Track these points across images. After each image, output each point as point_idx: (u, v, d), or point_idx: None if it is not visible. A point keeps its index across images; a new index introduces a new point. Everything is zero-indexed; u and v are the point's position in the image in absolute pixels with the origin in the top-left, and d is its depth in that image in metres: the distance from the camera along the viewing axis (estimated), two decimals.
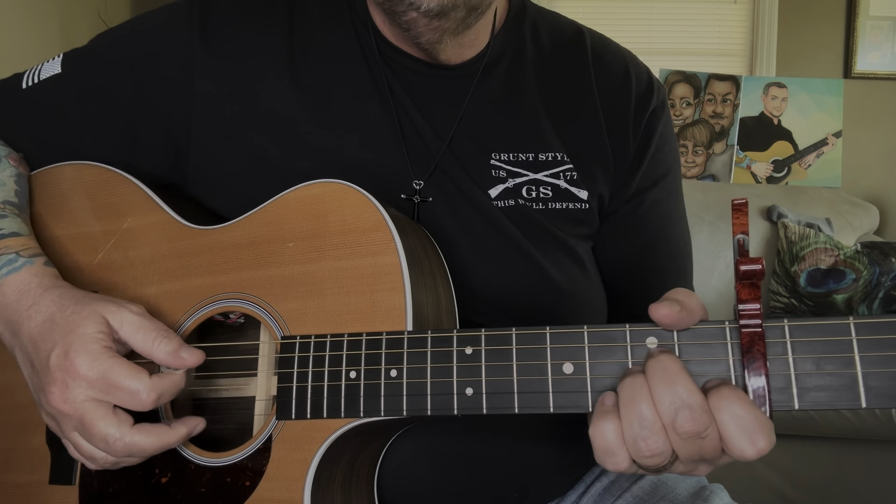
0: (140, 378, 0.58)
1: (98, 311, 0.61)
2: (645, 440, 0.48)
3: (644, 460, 0.49)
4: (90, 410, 0.58)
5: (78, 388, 0.58)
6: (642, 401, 0.48)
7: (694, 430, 0.47)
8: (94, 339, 0.59)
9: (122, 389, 0.58)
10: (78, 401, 0.58)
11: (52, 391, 0.59)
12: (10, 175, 0.73)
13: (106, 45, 0.78)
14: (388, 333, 0.58)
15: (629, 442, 0.49)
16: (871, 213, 2.48)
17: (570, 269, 0.75)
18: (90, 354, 0.58)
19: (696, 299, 0.51)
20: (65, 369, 0.58)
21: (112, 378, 0.58)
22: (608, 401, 0.51)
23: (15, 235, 0.67)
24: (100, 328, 0.60)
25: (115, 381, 0.58)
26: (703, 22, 3.26)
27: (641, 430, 0.48)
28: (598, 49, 0.81)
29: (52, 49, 2.29)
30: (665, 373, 0.48)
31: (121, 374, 0.58)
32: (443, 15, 0.67)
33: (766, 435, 0.47)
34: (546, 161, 0.75)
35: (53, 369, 0.59)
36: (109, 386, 0.58)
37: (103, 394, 0.58)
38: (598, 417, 0.50)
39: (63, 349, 0.59)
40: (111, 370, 0.58)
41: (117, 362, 0.59)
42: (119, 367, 0.58)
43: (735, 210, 0.50)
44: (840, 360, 0.47)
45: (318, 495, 0.59)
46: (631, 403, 0.48)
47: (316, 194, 0.64)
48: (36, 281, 0.64)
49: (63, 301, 0.62)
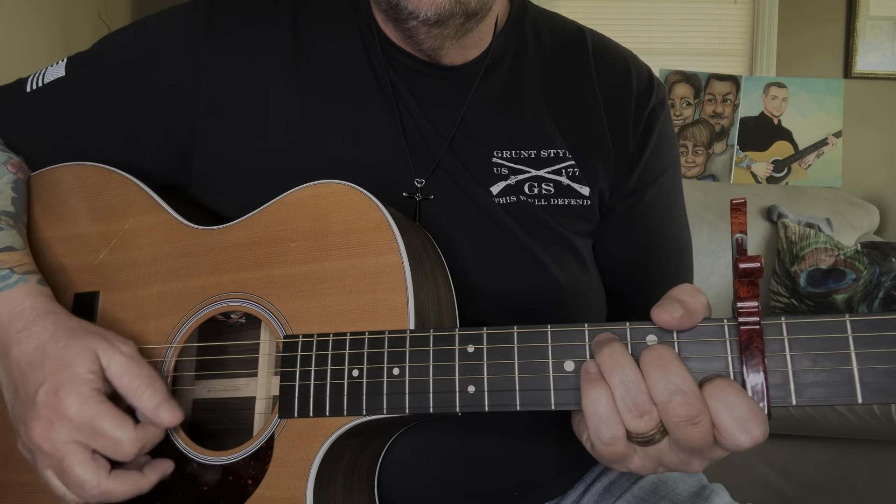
0: (125, 429, 0.58)
1: (90, 347, 0.60)
2: (635, 400, 0.49)
3: (633, 423, 0.49)
4: (70, 454, 0.58)
5: (63, 428, 0.58)
6: (627, 365, 0.50)
7: (687, 415, 0.48)
8: (85, 381, 0.59)
9: (106, 438, 0.58)
10: (60, 441, 0.58)
11: (35, 427, 0.59)
12: (7, 182, 0.72)
13: (110, 47, 0.79)
14: (390, 332, 0.58)
15: (621, 405, 0.50)
16: (871, 213, 2.48)
17: (571, 266, 0.75)
18: (80, 396, 0.58)
19: (700, 298, 0.51)
20: (52, 407, 0.58)
21: (98, 425, 0.58)
22: (592, 369, 0.51)
23: (9, 250, 0.67)
24: (91, 367, 0.59)
25: (100, 429, 0.58)
26: (703, 22, 3.26)
27: (630, 392, 0.49)
28: (598, 48, 0.82)
29: (52, 49, 2.29)
30: (659, 360, 0.49)
31: (108, 422, 0.58)
32: (441, 23, 0.68)
33: (760, 424, 0.47)
34: (548, 158, 0.75)
35: (40, 406, 0.59)
36: (94, 432, 0.58)
37: (87, 438, 0.58)
38: (588, 387, 0.51)
39: (53, 386, 0.58)
40: (99, 416, 0.58)
41: (106, 409, 0.58)
42: (106, 415, 0.58)
43: (734, 210, 0.50)
44: (836, 357, 0.48)
45: (319, 493, 0.59)
46: (615, 369, 0.50)
47: (318, 195, 0.64)
48: (30, 302, 0.63)
49: (56, 331, 0.61)
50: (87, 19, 2.49)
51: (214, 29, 0.75)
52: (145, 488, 0.61)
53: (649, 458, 0.52)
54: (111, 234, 0.72)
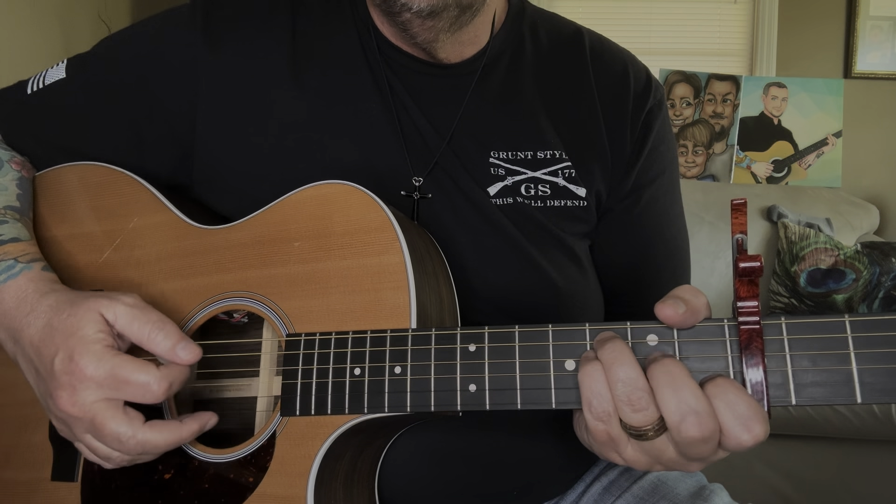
0: (148, 370, 0.58)
1: (93, 308, 0.60)
2: (629, 396, 0.49)
3: (629, 416, 0.49)
4: (101, 411, 0.58)
5: (86, 389, 0.58)
6: (625, 363, 0.50)
7: (700, 436, 0.47)
8: (95, 340, 0.59)
9: (131, 384, 0.58)
10: (87, 402, 0.58)
11: (61, 395, 0.59)
12: (11, 179, 0.73)
13: (110, 49, 0.79)
14: (392, 331, 0.58)
15: (612, 385, 0.50)
16: (871, 213, 2.48)
17: (567, 268, 0.75)
18: (94, 355, 0.58)
19: (702, 298, 0.51)
20: (71, 372, 0.58)
21: (120, 374, 0.58)
22: (591, 354, 0.52)
23: (14, 241, 0.67)
24: (99, 327, 0.60)
25: (123, 377, 0.58)
26: (703, 22, 3.26)
27: (624, 388, 0.49)
28: (596, 48, 0.82)
29: (52, 49, 2.29)
30: (670, 377, 0.48)
31: (128, 368, 0.58)
32: (435, 15, 0.68)
33: (762, 422, 0.47)
34: (544, 159, 0.75)
35: (59, 374, 0.59)
36: (119, 382, 0.58)
37: (113, 391, 0.58)
38: (585, 363, 0.51)
39: (66, 353, 0.59)
40: (118, 367, 0.58)
41: (123, 359, 0.59)
42: (126, 363, 0.58)
43: (734, 210, 0.50)
44: (836, 357, 0.48)
45: (320, 491, 0.59)
46: (614, 365, 0.50)
47: (321, 195, 0.64)
48: (33, 287, 0.64)
49: (59, 305, 0.62)
50: (87, 19, 2.49)
51: (213, 30, 0.75)
52: (185, 437, 0.61)
53: (644, 452, 0.52)
54: (115, 233, 0.72)
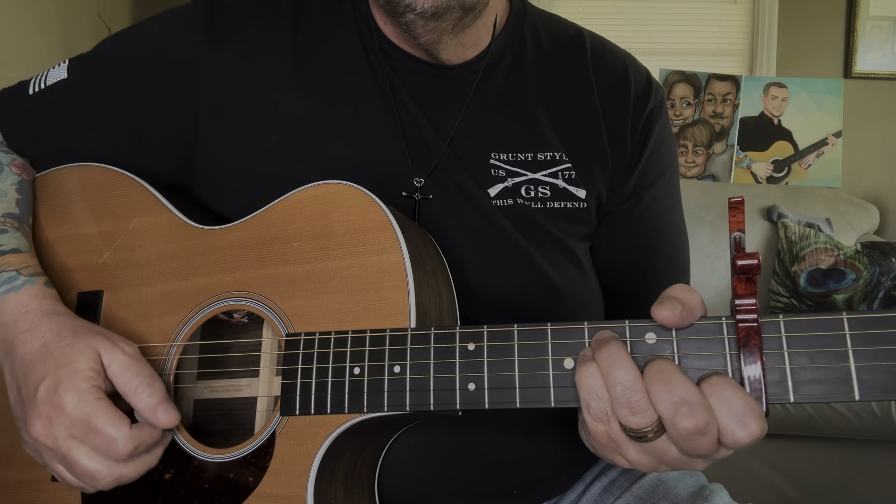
0: (120, 427, 0.58)
1: (93, 345, 0.61)
2: (627, 398, 0.49)
3: (627, 419, 0.49)
4: (74, 448, 0.58)
5: (61, 424, 0.58)
6: (622, 366, 0.49)
7: (694, 427, 0.47)
8: (84, 377, 0.59)
9: (100, 435, 0.58)
10: (60, 437, 0.58)
11: (35, 423, 0.59)
12: (11, 184, 0.73)
13: (111, 49, 0.79)
14: (391, 330, 0.58)
15: (611, 387, 0.50)
16: (871, 213, 2.48)
17: (567, 270, 0.75)
18: (78, 393, 0.58)
19: (695, 296, 0.51)
20: (52, 403, 0.58)
21: (93, 422, 0.58)
22: (588, 353, 0.52)
23: (15, 252, 0.67)
24: (92, 365, 0.60)
25: (95, 426, 0.58)
26: (703, 22, 3.26)
27: (624, 391, 0.49)
28: (597, 50, 0.82)
29: (52, 49, 2.29)
30: (663, 374, 0.49)
31: (102, 419, 0.58)
32: (438, 16, 0.68)
33: (757, 419, 0.47)
34: (545, 160, 0.75)
35: (40, 402, 0.59)
36: (89, 429, 0.58)
37: (82, 435, 0.58)
38: (582, 364, 0.51)
39: (53, 382, 0.59)
40: (94, 413, 0.58)
41: (102, 406, 0.58)
42: (102, 412, 0.58)
43: (732, 208, 0.50)
44: (834, 355, 0.48)
45: (320, 491, 0.59)
46: (612, 368, 0.50)
47: (321, 195, 0.64)
48: (36, 303, 0.64)
49: (60, 330, 0.62)
50: (87, 19, 2.49)
51: (215, 30, 0.75)
52: (154, 463, 0.62)
53: (646, 453, 0.52)
54: (115, 234, 0.73)
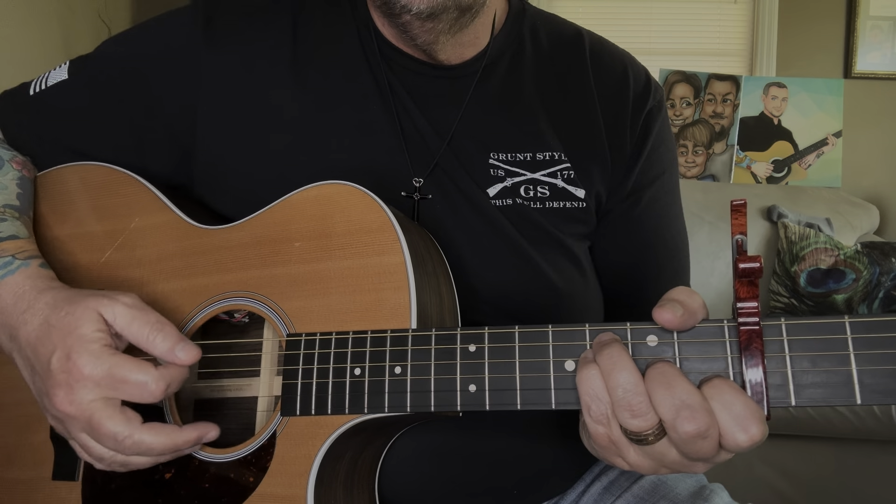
0: (146, 370, 0.58)
1: (91, 307, 0.60)
2: (629, 398, 0.49)
3: (628, 422, 0.49)
4: (97, 410, 0.58)
5: (83, 388, 0.58)
6: (626, 366, 0.49)
7: (695, 430, 0.47)
8: (93, 339, 0.59)
9: (129, 383, 0.58)
10: (85, 402, 0.58)
11: (57, 394, 0.59)
12: (12, 178, 0.73)
13: (112, 50, 0.79)
14: (392, 331, 0.58)
15: (612, 391, 0.50)
16: (871, 213, 2.48)
17: (566, 270, 0.75)
18: (92, 354, 0.58)
19: (697, 299, 0.51)
20: (68, 371, 0.58)
21: (118, 373, 0.58)
22: (589, 355, 0.52)
23: (13, 238, 0.67)
24: (97, 326, 0.59)
25: (121, 376, 0.58)
26: (703, 22, 3.26)
27: (625, 394, 0.49)
28: (596, 50, 0.82)
29: (52, 50, 2.29)
30: (664, 377, 0.49)
31: (126, 368, 0.58)
32: (434, 16, 0.68)
33: (758, 422, 0.47)
34: (544, 160, 0.75)
35: (56, 372, 0.59)
36: (116, 381, 0.58)
37: (111, 390, 0.58)
38: (583, 366, 0.51)
39: (64, 351, 0.59)
40: (116, 366, 0.58)
41: (121, 358, 0.58)
42: (123, 362, 0.58)
43: (734, 211, 0.50)
44: (835, 358, 0.48)
45: (320, 491, 0.59)
46: (613, 371, 0.49)
47: (322, 195, 0.64)
48: (30, 284, 0.64)
49: (57, 302, 0.61)
50: (87, 19, 2.49)
51: (214, 31, 0.75)
52: (181, 443, 0.60)
53: (647, 456, 0.52)
54: (117, 233, 0.73)
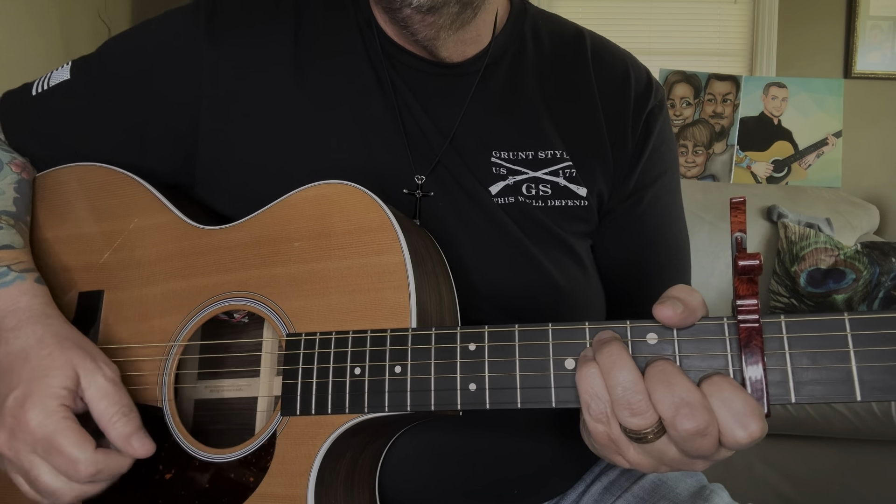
0: (84, 448, 0.57)
1: (73, 362, 0.59)
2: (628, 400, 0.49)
3: (627, 420, 0.49)
4: (36, 465, 0.57)
5: (23, 440, 0.57)
6: (623, 367, 0.49)
7: (694, 428, 0.47)
8: (54, 395, 0.58)
9: (62, 455, 0.57)
10: (22, 452, 0.57)
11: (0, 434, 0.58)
12: (10, 182, 0.73)
13: (113, 50, 0.79)
14: (392, 330, 0.58)
15: (611, 389, 0.49)
16: (871, 213, 2.48)
17: (569, 268, 0.75)
18: (45, 410, 0.57)
19: (697, 296, 0.51)
20: (16, 417, 0.57)
21: (56, 441, 0.57)
22: (588, 353, 0.52)
23: (8, 248, 0.67)
24: (65, 383, 0.59)
25: (57, 446, 0.57)
26: (703, 22, 3.26)
27: (625, 392, 0.49)
28: (597, 49, 0.82)
29: (52, 50, 2.29)
30: (664, 375, 0.49)
31: (66, 439, 0.57)
32: (435, 10, 0.68)
33: (758, 419, 0.47)
34: (546, 159, 0.75)
35: (6, 412, 0.58)
36: (52, 448, 0.57)
37: (44, 454, 0.57)
38: (583, 364, 0.51)
39: (23, 393, 0.58)
40: (58, 432, 0.57)
41: (67, 426, 0.57)
42: (67, 431, 0.57)
43: (733, 208, 0.50)
44: (835, 355, 0.48)
45: (321, 491, 0.59)
46: (612, 370, 0.49)
47: (321, 195, 0.64)
48: (25, 301, 0.63)
49: (45, 337, 0.61)
50: (87, 19, 2.49)
51: (216, 30, 0.75)
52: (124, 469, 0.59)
53: (646, 454, 0.52)
54: (116, 234, 0.73)
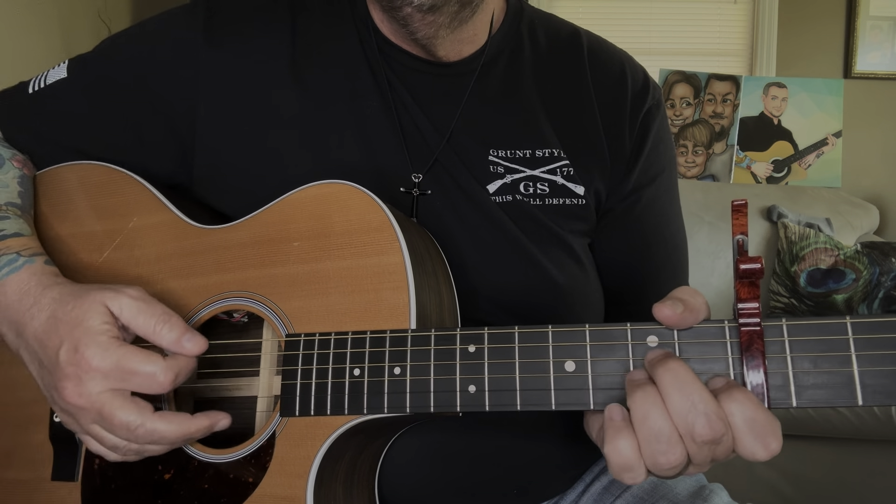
0: (155, 361, 0.58)
1: (97, 300, 0.60)
2: (665, 454, 0.48)
3: (663, 472, 0.49)
4: (108, 401, 0.58)
5: (92, 380, 0.58)
6: (658, 417, 0.48)
7: (711, 437, 0.47)
8: (101, 331, 0.59)
9: (138, 374, 0.58)
10: (94, 393, 0.58)
11: (66, 386, 0.59)
12: (13, 177, 0.73)
13: (111, 48, 0.79)
14: (391, 331, 0.58)
15: (647, 458, 0.48)
16: (871, 213, 2.48)
17: (567, 266, 0.75)
18: (100, 346, 0.58)
19: (700, 298, 0.51)
20: (76, 364, 0.58)
21: (126, 365, 0.58)
22: (617, 416, 0.50)
23: (17, 236, 0.67)
24: (104, 318, 0.59)
25: (130, 367, 0.58)
26: (703, 22, 3.26)
27: (660, 446, 0.48)
28: (594, 49, 0.82)
29: (52, 49, 2.29)
30: (678, 381, 0.48)
31: (134, 359, 0.58)
32: (435, 9, 0.68)
33: (778, 437, 0.47)
34: (543, 157, 0.75)
35: (64, 365, 0.59)
36: (125, 372, 0.58)
37: (119, 381, 0.58)
38: (613, 435, 0.49)
39: (72, 344, 0.59)
40: (124, 357, 0.58)
41: (129, 349, 0.58)
42: (132, 354, 0.58)
43: (735, 211, 0.50)
44: (837, 359, 0.48)
45: (320, 492, 0.59)
46: (646, 421, 0.48)
47: (321, 195, 0.64)
48: (35, 280, 0.64)
49: (63, 297, 0.62)
50: (87, 19, 2.49)
51: (214, 30, 0.75)
52: (193, 431, 0.60)
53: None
54: (115, 233, 0.72)
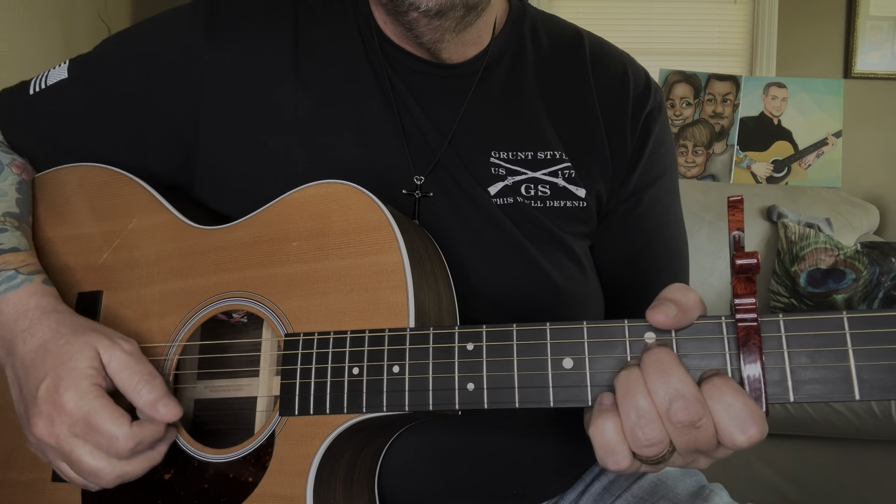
0: (121, 424, 0.58)
1: (91, 343, 0.61)
2: (642, 429, 0.49)
3: (643, 450, 0.50)
4: (77, 446, 0.58)
5: (63, 424, 0.58)
6: (638, 392, 0.49)
7: (688, 420, 0.48)
8: (84, 375, 0.59)
9: (101, 433, 0.58)
10: (62, 436, 0.58)
11: (37, 422, 0.59)
12: (11, 183, 0.73)
13: (112, 48, 0.79)
14: (390, 330, 0.58)
15: (628, 433, 0.49)
16: (871, 213, 2.48)
17: (567, 268, 0.75)
18: (79, 390, 0.58)
19: (692, 296, 0.51)
20: (52, 402, 0.58)
21: (93, 420, 0.58)
22: (606, 401, 0.51)
23: (14, 251, 0.67)
24: (91, 363, 0.60)
25: (95, 424, 0.58)
26: (703, 22, 3.26)
27: (639, 420, 0.49)
28: (596, 51, 0.82)
29: (53, 50, 2.29)
30: (660, 364, 0.49)
31: (102, 417, 0.58)
32: (442, 14, 0.68)
33: (757, 424, 0.47)
34: (545, 159, 0.75)
35: (41, 401, 0.59)
36: (89, 427, 0.58)
37: (83, 434, 0.59)
38: (598, 416, 0.51)
39: (53, 381, 0.59)
40: (94, 411, 0.58)
41: (102, 404, 0.59)
42: (102, 410, 0.58)
43: (731, 207, 0.50)
44: (834, 354, 0.48)
45: (320, 491, 0.59)
46: (627, 395, 0.49)
47: (320, 194, 0.64)
48: (34, 302, 0.64)
49: (59, 328, 0.62)
50: (87, 19, 2.49)
51: (215, 30, 0.75)
52: (158, 460, 0.62)
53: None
54: (115, 234, 0.73)
